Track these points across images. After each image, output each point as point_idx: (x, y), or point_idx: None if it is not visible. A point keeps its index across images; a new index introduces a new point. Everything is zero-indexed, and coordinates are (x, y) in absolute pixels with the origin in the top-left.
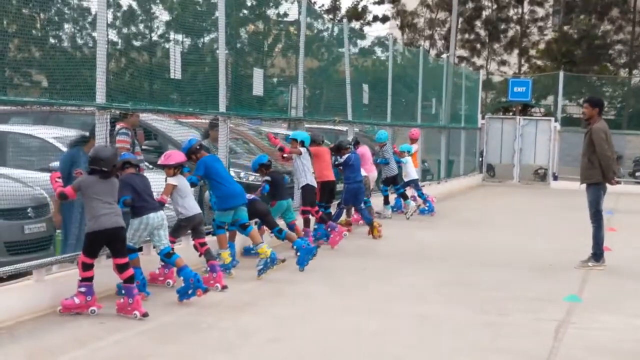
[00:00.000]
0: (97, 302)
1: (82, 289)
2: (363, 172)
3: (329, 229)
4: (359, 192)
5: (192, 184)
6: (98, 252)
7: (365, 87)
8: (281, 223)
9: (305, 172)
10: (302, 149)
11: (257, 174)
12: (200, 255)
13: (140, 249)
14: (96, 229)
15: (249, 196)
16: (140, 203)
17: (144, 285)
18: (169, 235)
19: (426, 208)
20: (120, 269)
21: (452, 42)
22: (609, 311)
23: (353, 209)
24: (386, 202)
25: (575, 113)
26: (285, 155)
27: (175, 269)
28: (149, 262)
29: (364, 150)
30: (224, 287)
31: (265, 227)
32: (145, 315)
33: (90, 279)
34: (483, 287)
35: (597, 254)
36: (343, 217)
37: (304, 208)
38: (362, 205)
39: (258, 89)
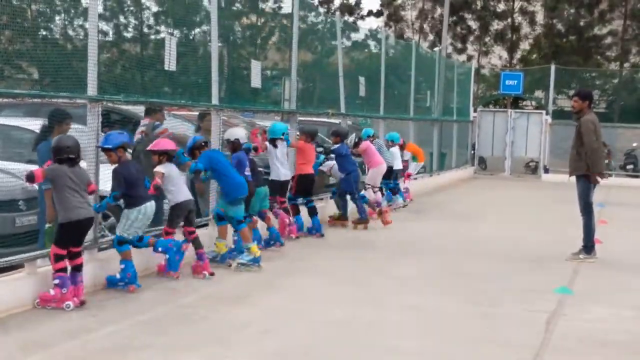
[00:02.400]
0: (73, 297)
1: (57, 281)
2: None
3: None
4: (357, 180)
5: (197, 171)
6: (70, 243)
7: (362, 79)
8: None
9: (271, 166)
10: (269, 145)
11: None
12: (188, 242)
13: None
14: (74, 218)
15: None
16: (136, 192)
17: (134, 277)
18: (166, 227)
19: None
20: (75, 255)
21: (444, 34)
22: (599, 303)
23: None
24: (394, 192)
25: (567, 106)
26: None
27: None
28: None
29: (367, 144)
30: (212, 274)
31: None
32: (82, 303)
33: (64, 270)
34: (475, 278)
35: (588, 247)
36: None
37: (281, 199)
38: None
39: (256, 81)
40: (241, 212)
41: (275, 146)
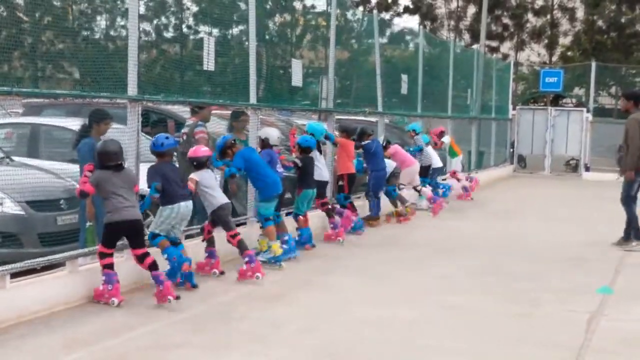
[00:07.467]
0: (119, 294)
1: (103, 277)
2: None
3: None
4: (384, 179)
5: (232, 175)
6: (116, 242)
7: (404, 77)
8: None
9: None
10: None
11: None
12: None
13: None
14: (117, 219)
15: (279, 169)
16: (171, 190)
17: (190, 275)
18: (208, 225)
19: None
20: (140, 259)
21: (482, 32)
22: None
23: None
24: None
25: (608, 104)
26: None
27: (207, 260)
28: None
29: (396, 148)
30: (263, 276)
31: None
32: (177, 298)
33: (109, 267)
34: (514, 277)
35: (636, 233)
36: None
37: (322, 201)
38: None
39: (297, 80)
40: (271, 209)
41: (319, 148)
